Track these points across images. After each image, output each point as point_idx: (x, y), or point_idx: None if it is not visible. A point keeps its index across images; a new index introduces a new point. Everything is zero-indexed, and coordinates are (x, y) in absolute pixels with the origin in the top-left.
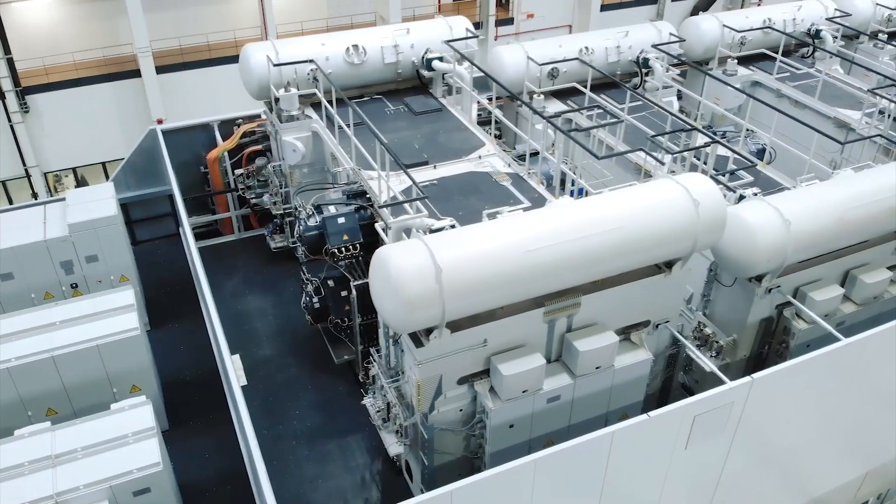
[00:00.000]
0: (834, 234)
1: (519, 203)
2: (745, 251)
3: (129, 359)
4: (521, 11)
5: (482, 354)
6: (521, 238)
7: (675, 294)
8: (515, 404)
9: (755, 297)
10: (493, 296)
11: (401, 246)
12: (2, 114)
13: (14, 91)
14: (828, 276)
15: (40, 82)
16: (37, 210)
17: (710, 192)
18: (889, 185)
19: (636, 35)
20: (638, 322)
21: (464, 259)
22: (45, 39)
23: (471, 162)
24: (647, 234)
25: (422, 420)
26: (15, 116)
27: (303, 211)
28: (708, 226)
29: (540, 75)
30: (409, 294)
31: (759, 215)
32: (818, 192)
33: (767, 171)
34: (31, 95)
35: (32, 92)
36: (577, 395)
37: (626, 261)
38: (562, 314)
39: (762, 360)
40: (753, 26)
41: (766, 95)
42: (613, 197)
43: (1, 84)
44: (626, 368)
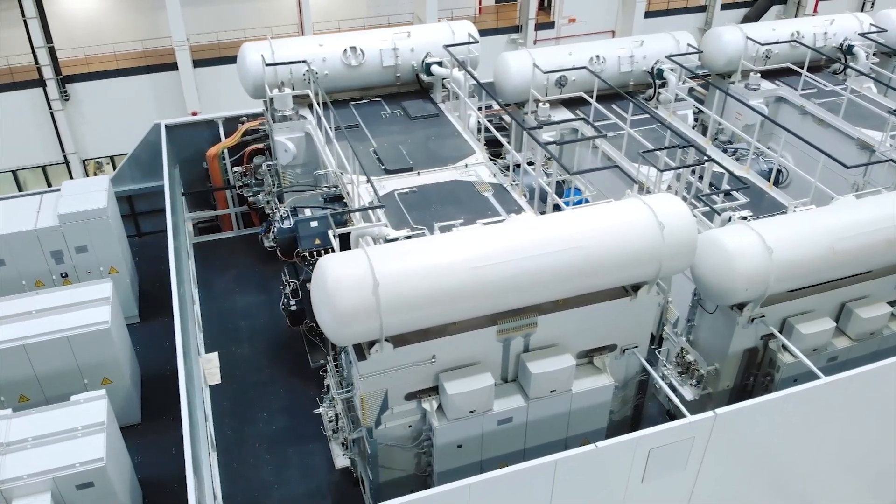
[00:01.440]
0: (823, 264)
1: (496, 215)
2: (722, 278)
3: (98, 351)
4: (563, 15)
5: (431, 371)
6: (469, 253)
7: (642, 319)
8: (462, 424)
9: (737, 327)
10: (437, 312)
11: (342, 256)
12: (43, 101)
13: (55, 79)
14: (820, 307)
15: (81, 71)
16: (34, 199)
17: (679, 215)
18: (889, 214)
19: (652, 45)
20: (603, 346)
21: (405, 273)
22: (87, 30)
23: (456, 170)
24: (606, 255)
25: (367, 434)
26: (55, 104)
27: (277, 212)
28: (674, 250)
29: (547, 83)
30: (343, 306)
31: (739, 241)
32: (809, 218)
33: (775, 192)
34: (71, 84)
35: (73, 81)
36: (532, 418)
37: (582, 282)
38: (517, 333)
39: (747, 391)
40: (780, 39)
41: (791, 112)
42: (574, 215)
43: (42, 72)
44: (585, 393)
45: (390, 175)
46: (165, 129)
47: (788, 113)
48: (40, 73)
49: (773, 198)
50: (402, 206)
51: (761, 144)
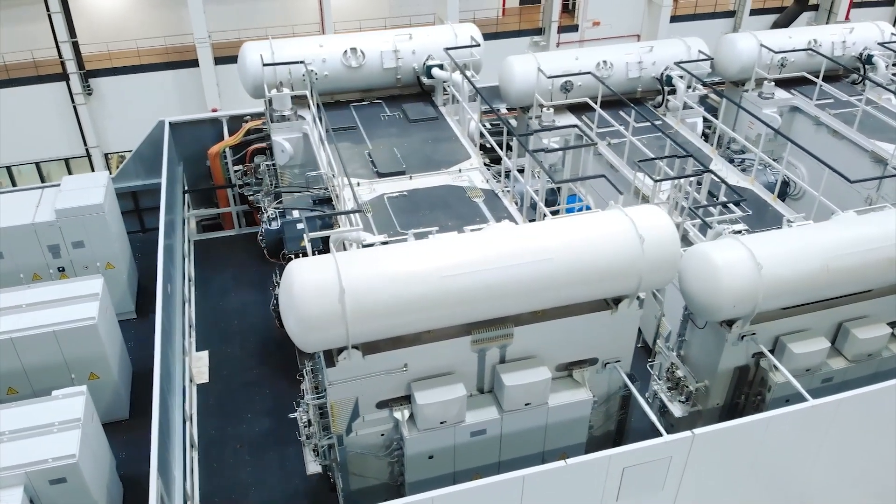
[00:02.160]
0: (817, 282)
1: (485, 221)
2: (709, 293)
3: (85, 347)
4: (587, 18)
5: (403, 379)
6: (441, 262)
7: (624, 333)
8: (433, 435)
9: (726, 344)
10: (406, 321)
11: (311, 261)
12: (66, 95)
13: (78, 73)
14: (816, 326)
15: (104, 66)
16: (34, 194)
17: (661, 228)
18: (890, 232)
19: (662, 51)
20: (583, 359)
21: (373, 280)
22: (111, 25)
23: (449, 175)
24: (581, 268)
25: (337, 441)
26: (78, 98)
27: (265, 213)
28: (655, 264)
29: (552, 88)
30: (308, 313)
31: (728, 255)
32: (803, 234)
33: (779, 205)
34: (94, 79)
35: (96, 75)
36: (507, 430)
37: (557, 294)
38: (492, 344)
39: (738, 410)
40: (796, 47)
41: (805, 122)
42: (553, 225)
43: (66, 66)
44: (562, 407)
45: (382, 178)
46: (170, 126)
47: (803, 123)
48: (64, 68)
49: (776, 211)
50: (390, 210)
51: (775, 155)
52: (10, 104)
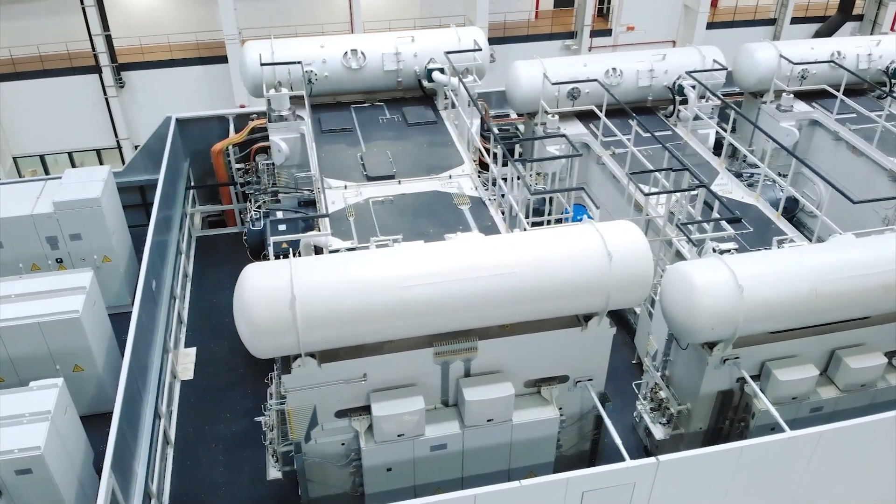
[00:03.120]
0: (804, 307)
1: (468, 230)
2: (687, 314)
3: (69, 339)
4: (621, 23)
5: (362, 389)
6: (399, 271)
7: (596, 351)
8: (391, 447)
9: (707, 367)
10: (360, 330)
11: (266, 266)
12: (98, 87)
13: (110, 66)
14: (805, 353)
15: (136, 60)
16: (37, 186)
17: (633, 245)
18: (888, 256)
19: (675, 59)
20: (553, 376)
21: (327, 288)
22: (144, 20)
23: (439, 180)
24: (546, 283)
25: (294, 448)
26: (110, 90)
27: (250, 212)
28: (624, 282)
29: (558, 95)
30: (257, 319)
31: (708, 276)
32: (792, 256)
33: (783, 223)
34: (126, 72)
35: (128, 69)
36: (469, 446)
37: (521, 309)
38: (455, 357)
39: (722, 435)
40: (819, 59)
41: (825, 137)
42: (520, 238)
43: (99, 59)
44: (527, 425)
45: (371, 182)
46: (178, 122)
47: (822, 138)
48: (97, 60)
49: (779, 230)
50: (373, 214)
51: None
52: (45, 94)
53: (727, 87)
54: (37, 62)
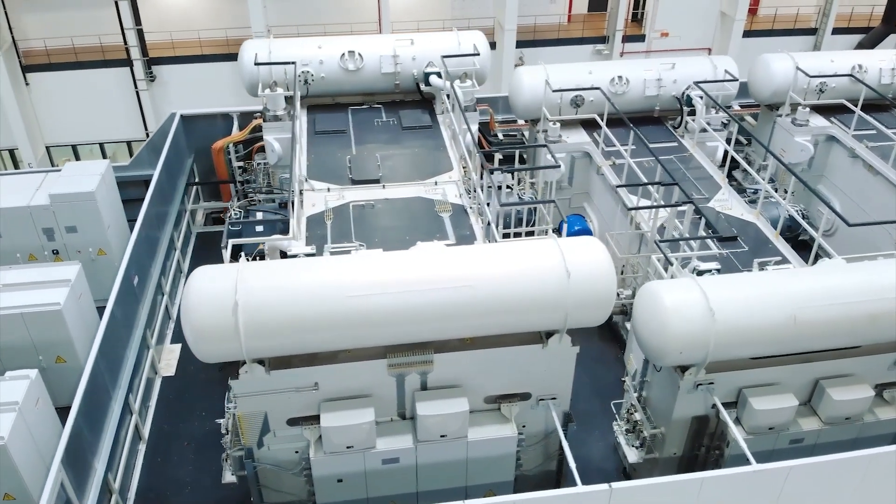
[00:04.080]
0: (782, 334)
1: (444, 238)
2: (655, 336)
3: (50, 330)
4: (655, 29)
5: (314, 398)
6: (348, 281)
7: (559, 369)
8: (341, 459)
9: (679, 391)
10: (306, 339)
11: (215, 269)
12: (130, 80)
13: (141, 60)
14: (787, 381)
15: (167, 55)
16: (38, 177)
17: (594, 263)
18: (877, 285)
19: (685, 69)
20: (514, 393)
21: (272, 295)
22: (176, 15)
23: (424, 186)
24: (501, 298)
25: (245, 453)
26: (141, 84)
27: (230, 212)
28: (582, 300)
29: (561, 102)
30: (199, 323)
31: (680, 297)
32: (773, 280)
33: (780, 243)
34: (157, 66)
35: (159, 63)
36: (423, 461)
37: (474, 323)
38: (410, 369)
39: (698, 462)
40: (839, 72)
41: (841, 154)
42: (479, 252)
43: (130, 52)
44: (484, 442)
45: (355, 185)
46: (184, 119)
47: (839, 155)
48: (128, 54)
49: (777, 249)
50: (351, 219)
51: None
52: (78, 86)
53: (745, 99)
54: (70, 54)
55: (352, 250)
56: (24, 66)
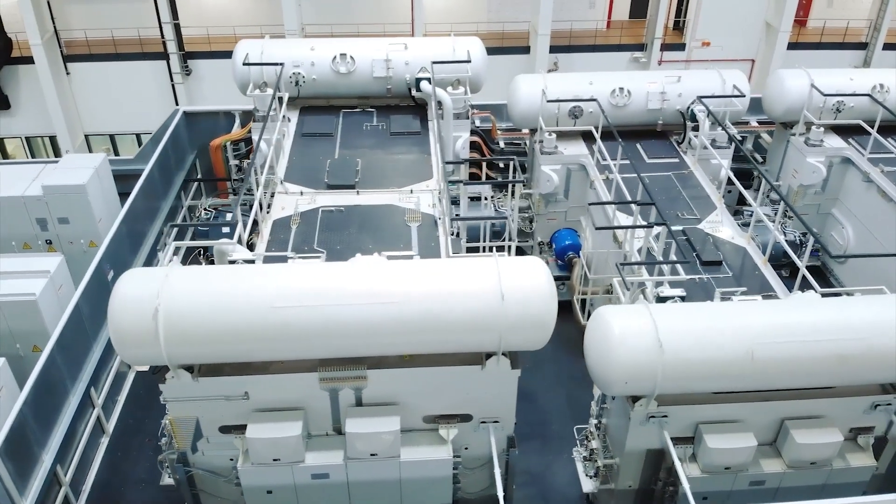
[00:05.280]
0: (737, 371)
1: (408, 248)
2: (601, 363)
3: (25, 320)
4: (696, 38)
5: (246, 407)
6: (274, 291)
7: (500, 391)
8: (268, 471)
9: (630, 422)
10: (231, 349)
11: (143, 272)
12: (166, 73)
13: (178, 54)
14: (751, 419)
15: (203, 49)
16: (37, 167)
17: (532, 286)
18: (846, 323)
19: (691, 82)
20: (453, 414)
21: (195, 302)
22: (213, 10)
23: (399, 194)
24: (428, 316)
25: (178, 457)
26: (177, 77)
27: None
28: (516, 323)
29: (558, 112)
30: (120, 326)
31: (628, 325)
32: (733, 311)
33: (768, 270)
34: (193, 60)
35: (195, 57)
36: (354, 479)
37: (402, 341)
38: (343, 384)
39: (656, 497)
40: (857, 91)
41: (856, 178)
42: (415, 267)
43: (167, 46)
44: (418, 463)
45: (330, 190)
46: (187, 115)
47: (854, 178)
48: (165, 47)
49: (763, 277)
50: (318, 224)
51: (823, 210)
52: (116, 77)
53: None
54: (110, 45)
55: (317, 259)
56: (66, 55)
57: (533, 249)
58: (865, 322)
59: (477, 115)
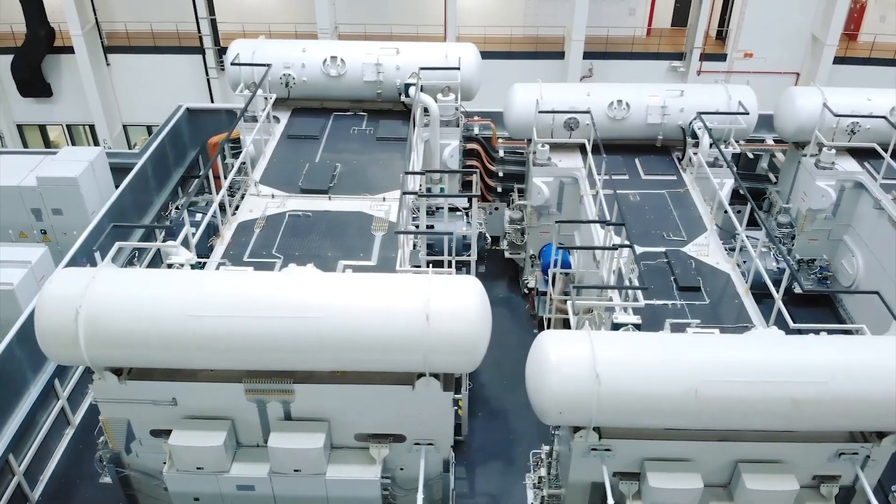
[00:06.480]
0: (679, 408)
1: (367, 258)
2: (536, 391)
3: (3, 309)
4: (738, 49)
5: (175, 413)
6: (195, 298)
7: (434, 413)
8: (192, 478)
9: (573, 453)
10: (150, 354)
11: (71, 273)
12: (201, 67)
13: (213, 49)
14: (703, 459)
15: None
16: (37, 158)
17: (460, 308)
18: (803, 365)
19: (695, 97)
20: (385, 434)
21: (116, 305)
22: (250, 7)
23: (371, 201)
24: (347, 333)
25: (110, 458)
26: (212, 72)
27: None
28: (442, 345)
29: (553, 123)
30: (44, 325)
31: (567, 353)
32: (680, 345)
33: (748, 299)
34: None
35: None
36: (280, 492)
37: (321, 357)
38: (270, 397)
39: None
40: (874, 112)
41: (868, 204)
42: (344, 281)
43: (203, 41)
44: (344, 482)
45: (302, 194)
46: (190, 112)
47: (866, 204)
48: (201, 42)
49: (742, 307)
50: (282, 229)
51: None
52: (155, 69)
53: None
54: (149, 38)
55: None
56: (107, 46)
57: (525, 262)
58: (827, 364)
59: (476, 123)
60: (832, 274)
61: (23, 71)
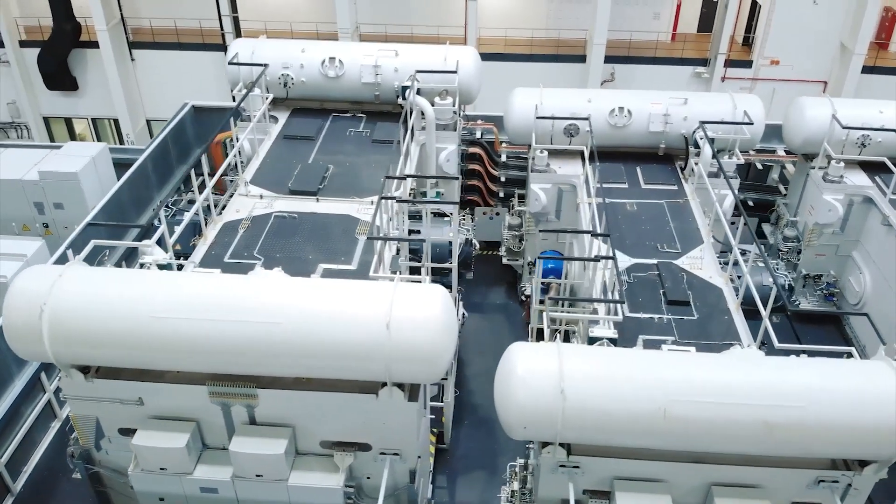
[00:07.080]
0: (648, 428)
1: (349, 262)
2: (501, 402)
3: None
4: (765, 56)
5: (142, 413)
6: (158, 300)
7: (398, 422)
8: (156, 478)
9: (541, 469)
10: (113, 353)
11: (41, 270)
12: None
13: None
14: (675, 480)
15: None
16: (41, 152)
17: (422, 317)
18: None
19: (699, 105)
20: (350, 442)
21: (80, 304)
22: (272, 6)
23: (359, 205)
24: (306, 340)
25: (80, 454)
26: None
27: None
28: (404, 354)
29: (552, 129)
30: (10, 321)
31: (534, 367)
32: (651, 363)
33: (738, 316)
34: None
35: None
36: (243, 496)
37: (280, 362)
38: (234, 401)
39: None
40: (886, 125)
41: (876, 220)
42: (309, 286)
43: (225, 38)
44: (306, 489)
45: (290, 196)
46: (196, 110)
47: (874, 220)
48: (223, 39)
49: (731, 324)
50: (265, 230)
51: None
52: (178, 65)
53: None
54: (173, 34)
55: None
56: (131, 42)
57: (523, 269)
58: (805, 388)
59: (478, 126)
60: (839, 291)
61: (49, 64)
